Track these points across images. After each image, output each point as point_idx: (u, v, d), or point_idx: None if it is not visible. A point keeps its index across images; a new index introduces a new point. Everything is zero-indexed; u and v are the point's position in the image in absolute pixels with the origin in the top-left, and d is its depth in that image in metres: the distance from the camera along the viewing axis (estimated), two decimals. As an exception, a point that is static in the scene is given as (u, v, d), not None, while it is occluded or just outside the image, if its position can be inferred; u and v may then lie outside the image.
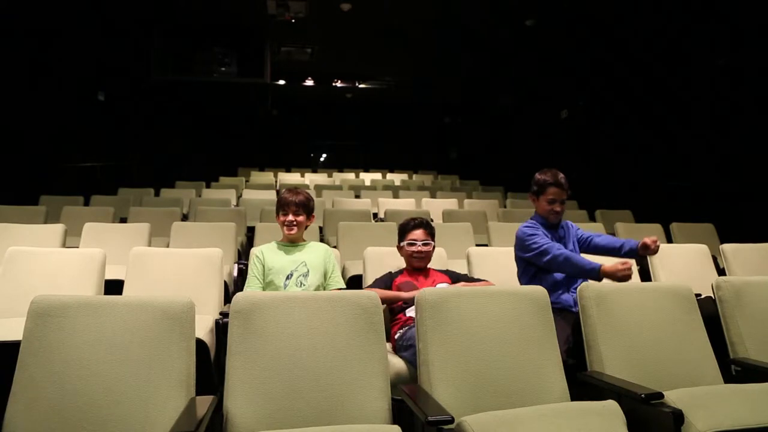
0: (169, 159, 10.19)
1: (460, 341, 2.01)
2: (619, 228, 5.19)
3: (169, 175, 8.56)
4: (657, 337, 2.25)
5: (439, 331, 2.01)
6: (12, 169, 6.75)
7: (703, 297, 3.03)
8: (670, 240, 5.17)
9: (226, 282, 3.37)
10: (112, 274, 3.21)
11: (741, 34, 5.81)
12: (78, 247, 4.01)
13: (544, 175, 2.94)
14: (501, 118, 11.85)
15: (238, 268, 3.94)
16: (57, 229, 4.18)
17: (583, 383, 2.14)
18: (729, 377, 2.30)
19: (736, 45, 5.89)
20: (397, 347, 2.55)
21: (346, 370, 1.91)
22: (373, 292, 2.11)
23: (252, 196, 7.26)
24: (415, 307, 2.08)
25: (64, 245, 4.11)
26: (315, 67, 10.96)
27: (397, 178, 10.19)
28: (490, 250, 3.61)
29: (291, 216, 2.82)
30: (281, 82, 11.40)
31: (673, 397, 1.81)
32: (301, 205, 2.82)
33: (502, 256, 3.37)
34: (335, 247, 4.20)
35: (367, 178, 10.14)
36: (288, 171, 10.89)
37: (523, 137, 10.89)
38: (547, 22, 8.10)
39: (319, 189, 7.80)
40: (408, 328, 2.53)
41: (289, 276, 2.74)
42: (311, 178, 9.76)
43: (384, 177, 10.48)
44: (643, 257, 2.52)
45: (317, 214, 5.42)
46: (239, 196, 7.52)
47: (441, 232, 4.67)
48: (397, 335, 2.61)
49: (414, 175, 11.00)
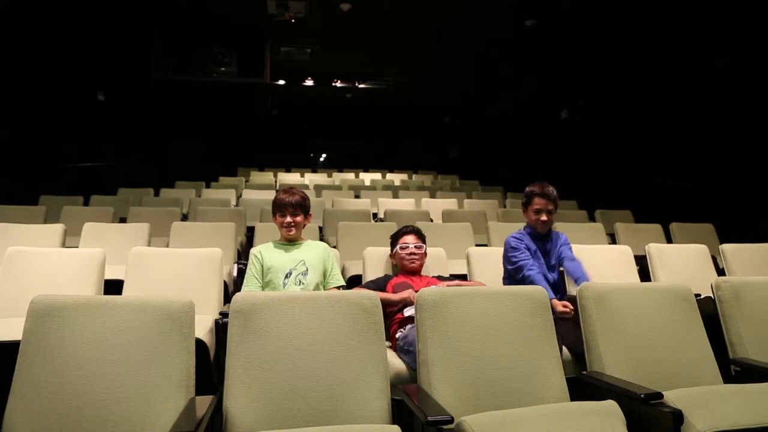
0: (169, 159, 10.19)
1: (459, 341, 2.01)
2: (618, 228, 5.19)
3: (168, 175, 8.57)
4: (656, 337, 2.25)
5: (439, 331, 2.01)
6: (12, 169, 6.74)
7: (702, 297, 3.04)
8: (669, 240, 5.17)
9: (225, 282, 3.37)
10: (111, 274, 3.20)
11: (741, 34, 5.82)
12: (78, 247, 4.01)
13: (532, 187, 3.11)
14: (501, 118, 11.85)
15: (238, 268, 3.94)
16: (57, 229, 4.17)
17: (583, 383, 2.14)
18: (728, 377, 2.30)
19: (736, 44, 5.89)
20: (398, 347, 2.56)
21: (346, 370, 1.91)
22: (373, 292, 2.11)
23: (252, 196, 7.25)
24: (414, 307, 2.08)
25: (63, 245, 4.11)
26: (315, 67, 10.96)
27: (396, 178, 10.19)
28: (489, 250, 3.61)
29: (289, 217, 2.83)
30: (281, 82, 11.39)
31: (672, 397, 1.81)
32: (297, 206, 2.83)
33: (502, 256, 3.36)
34: (335, 247, 4.20)
35: (367, 178, 10.14)
36: (288, 171, 10.89)
37: (523, 137, 10.90)
38: (547, 22, 8.10)
39: (318, 189, 7.80)
40: (410, 327, 2.54)
41: (288, 275, 2.74)
42: (311, 178, 9.76)
43: (384, 177, 10.48)
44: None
45: (317, 214, 5.46)
46: (239, 196, 7.51)
47: (441, 232, 4.70)
48: (399, 335, 2.61)
49: (414, 175, 11.00)
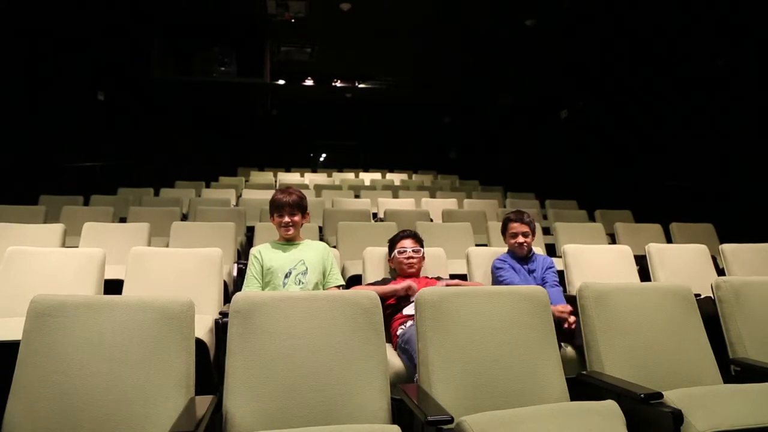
0: (169, 159, 10.18)
1: (459, 341, 2.01)
2: (618, 228, 5.19)
3: (168, 175, 8.56)
4: (656, 337, 2.26)
5: (439, 331, 2.01)
6: (12, 169, 6.74)
7: (702, 297, 3.04)
8: (669, 240, 5.17)
9: (225, 282, 3.37)
10: (111, 274, 3.20)
11: (740, 34, 5.82)
12: (78, 246, 4.00)
13: (508, 214, 3.39)
14: (501, 118, 11.85)
15: (238, 268, 3.94)
16: (56, 228, 4.17)
17: (583, 383, 2.14)
18: (728, 377, 2.30)
19: (735, 44, 5.89)
20: (398, 345, 2.56)
21: (346, 369, 1.91)
22: (372, 292, 2.11)
23: (252, 195, 7.25)
24: (414, 307, 2.08)
25: (63, 245, 4.10)
26: (315, 67, 10.96)
27: (396, 178, 10.18)
28: (489, 250, 3.61)
29: (287, 217, 2.82)
30: (281, 82, 11.39)
31: (672, 397, 1.81)
32: (295, 205, 2.82)
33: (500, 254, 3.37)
34: (335, 246, 4.20)
35: (367, 178, 10.14)
36: (288, 171, 10.88)
37: (523, 137, 10.91)
38: (547, 22, 8.10)
39: (318, 189, 7.80)
40: (410, 325, 2.54)
41: (287, 274, 2.74)
42: (311, 178, 9.75)
43: (384, 177, 10.48)
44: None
45: (317, 214, 5.46)
46: (239, 196, 7.51)
47: (440, 232, 4.71)
48: (399, 331, 2.61)
49: (414, 175, 10.99)
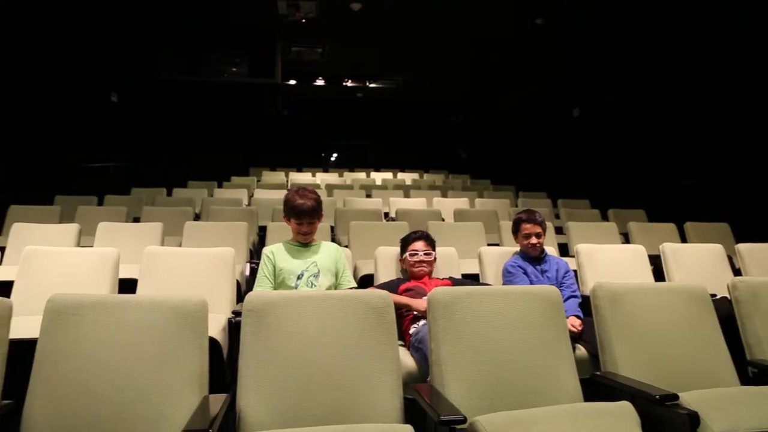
0: (181, 159, 10.25)
1: (472, 341, 2.01)
2: (632, 228, 5.15)
3: (181, 175, 8.62)
4: (672, 338, 2.23)
5: (452, 331, 2.00)
6: (27, 170, 6.82)
7: (718, 297, 3.00)
8: (684, 239, 5.12)
9: (238, 281, 3.39)
10: (125, 273, 3.23)
11: (753, 29, 5.75)
12: (92, 246, 4.05)
13: (519, 214, 3.34)
14: (512, 116, 11.81)
15: (250, 268, 3.95)
16: (72, 228, 4.23)
17: (597, 384, 2.13)
18: (746, 379, 2.28)
19: (748, 40, 5.82)
20: (411, 345, 2.56)
21: (358, 368, 1.91)
22: (385, 292, 2.10)
23: (263, 195, 7.28)
24: (427, 307, 2.07)
25: (78, 245, 4.15)
26: (325, 67, 10.98)
27: (408, 178, 10.18)
28: (501, 249, 3.59)
29: (305, 226, 2.80)
30: (292, 82, 11.43)
31: (688, 399, 1.79)
32: (313, 212, 2.78)
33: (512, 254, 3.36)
34: (347, 246, 4.20)
35: (378, 177, 10.14)
36: (299, 171, 10.91)
37: (535, 136, 10.85)
38: (557, 20, 8.05)
39: (330, 188, 7.81)
40: (423, 324, 2.54)
41: (299, 276, 2.74)
42: (322, 178, 9.77)
43: (395, 176, 10.47)
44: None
45: (329, 213, 5.47)
46: (251, 196, 7.54)
47: (452, 231, 4.69)
48: (412, 330, 2.61)
49: (425, 175, 10.98)
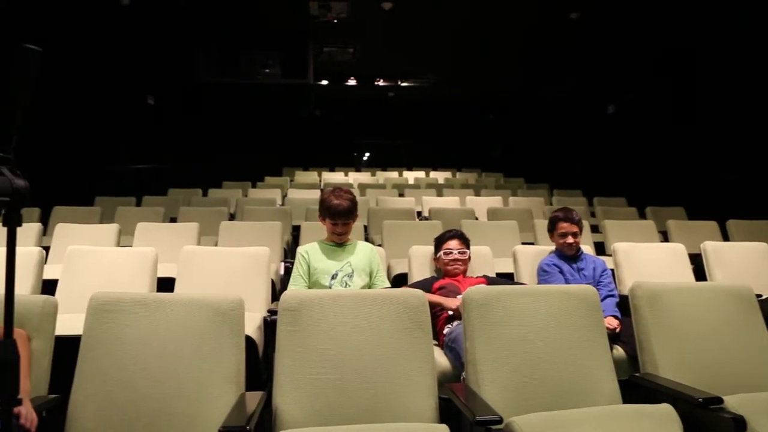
0: (216, 160, 10.42)
1: (507, 341, 1.99)
2: (671, 226, 5.03)
3: (216, 176, 8.76)
4: (714, 339, 2.17)
5: (487, 331, 1.99)
6: (70, 172, 7.03)
7: (764, 297, 2.91)
8: (726, 238, 4.97)
9: (273, 280, 3.42)
10: (163, 272, 3.30)
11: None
12: (131, 246, 4.15)
13: (556, 213, 3.31)
14: (546, 114, 11.65)
15: (285, 267, 3.99)
16: (112, 228, 4.34)
17: (635, 386, 2.08)
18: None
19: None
20: (444, 344, 2.55)
21: (393, 368, 1.91)
22: (419, 291, 2.10)
23: (297, 195, 7.35)
24: (462, 306, 2.06)
25: (118, 244, 4.26)
26: (357, 67, 11.00)
27: (440, 176, 10.14)
28: (536, 248, 3.55)
29: (341, 227, 2.82)
30: (324, 83, 11.48)
31: (733, 403, 1.74)
32: (349, 213, 2.80)
33: (548, 253, 3.31)
34: (380, 245, 4.21)
35: (411, 176, 10.14)
36: (332, 170, 10.97)
37: (569, 133, 10.69)
38: (592, 14, 7.90)
39: (363, 188, 7.84)
40: (457, 324, 2.52)
41: (334, 276, 2.75)
42: (355, 177, 9.81)
43: (427, 175, 10.45)
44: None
45: (362, 213, 5.47)
46: (284, 196, 7.62)
47: (486, 230, 4.65)
48: (446, 330, 2.60)
49: (458, 173, 10.92)
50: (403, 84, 12.10)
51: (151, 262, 3.19)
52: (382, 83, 12.02)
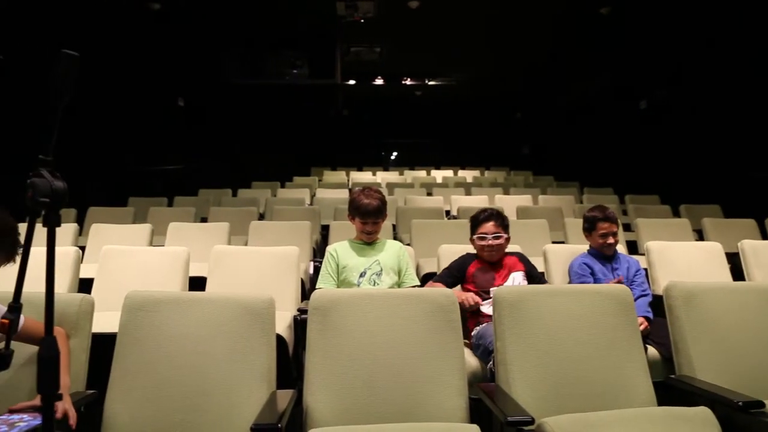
0: (245, 160, 10.55)
1: (539, 341, 1.96)
2: (706, 224, 4.90)
3: (245, 176, 8.87)
4: (753, 341, 2.11)
5: (518, 330, 1.97)
6: (103, 173, 7.20)
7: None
8: (765, 236, 4.83)
9: (302, 279, 3.45)
10: (195, 271, 3.35)
11: None
12: (164, 245, 4.23)
13: (593, 212, 3.19)
14: (575, 111, 11.49)
15: (314, 266, 4.02)
16: (145, 228, 4.43)
17: (670, 388, 2.04)
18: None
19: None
20: (473, 341, 2.53)
21: (423, 367, 1.91)
22: (449, 290, 2.09)
23: (325, 195, 7.39)
24: (492, 305, 2.04)
25: (151, 244, 4.35)
26: (384, 66, 11.00)
27: (468, 175, 10.09)
28: (567, 247, 3.50)
29: (370, 226, 2.83)
30: (351, 82, 11.52)
31: (775, 406, 1.69)
32: (379, 213, 2.82)
33: (580, 253, 3.26)
34: (408, 244, 4.20)
35: (439, 175, 10.10)
36: (360, 170, 11.01)
37: (600, 130, 10.51)
38: (623, 9, 7.75)
39: (391, 187, 7.84)
40: (485, 325, 2.50)
41: (362, 274, 2.76)
42: (383, 177, 9.82)
43: (456, 174, 10.41)
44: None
45: (390, 212, 5.47)
46: (313, 195, 7.67)
47: (515, 229, 4.57)
48: (474, 331, 2.58)
49: (486, 172, 10.85)
50: (431, 83, 12.06)
51: (183, 261, 3.24)
52: (409, 82, 12.00)
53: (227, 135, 10.62)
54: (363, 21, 8.43)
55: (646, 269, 3.42)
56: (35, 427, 1.45)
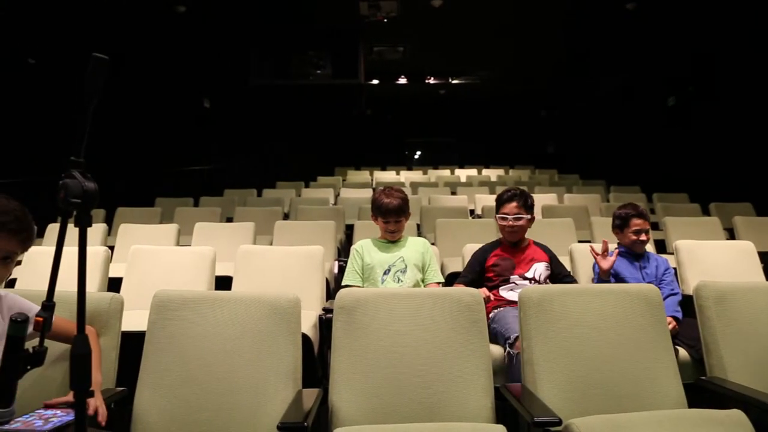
0: (270, 160, 10.64)
1: (566, 341, 1.94)
2: (738, 222, 4.79)
3: (270, 176, 8.94)
4: (790, 342, 2.05)
5: (544, 330, 1.95)
6: (131, 174, 7.32)
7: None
8: (800, 235, 4.70)
9: (327, 279, 3.46)
10: (221, 271, 3.39)
11: None
12: (190, 245, 4.28)
13: (625, 209, 3.13)
14: (601, 108, 11.32)
15: (338, 265, 4.03)
16: (171, 228, 4.49)
17: (701, 390, 1.99)
18: None
19: None
20: (489, 325, 2.52)
21: (449, 366, 1.90)
22: (475, 290, 2.08)
23: (349, 194, 7.40)
24: (518, 305, 2.03)
25: (178, 243, 4.41)
26: (407, 66, 11.00)
27: (493, 174, 10.02)
28: (595, 246, 3.44)
29: (392, 225, 2.86)
30: (374, 82, 11.53)
31: (811, 410, 1.64)
32: (400, 211, 2.84)
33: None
34: (433, 244, 4.19)
35: (463, 174, 10.06)
36: (383, 169, 11.01)
37: (626, 127, 10.35)
38: (649, 3, 7.61)
39: (414, 186, 7.83)
40: (504, 308, 2.51)
41: (386, 271, 2.78)
42: (407, 176, 9.81)
43: (480, 173, 10.35)
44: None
45: (414, 211, 5.47)
46: (337, 195, 7.70)
47: (541, 228, 4.54)
48: (492, 314, 2.59)
49: (510, 170, 10.77)
50: (454, 81, 12.01)
51: (209, 261, 3.28)
52: (432, 81, 11.97)
53: (252, 136, 10.73)
54: (386, 20, 8.43)
55: (675, 269, 3.35)
56: (68, 422, 1.48)
